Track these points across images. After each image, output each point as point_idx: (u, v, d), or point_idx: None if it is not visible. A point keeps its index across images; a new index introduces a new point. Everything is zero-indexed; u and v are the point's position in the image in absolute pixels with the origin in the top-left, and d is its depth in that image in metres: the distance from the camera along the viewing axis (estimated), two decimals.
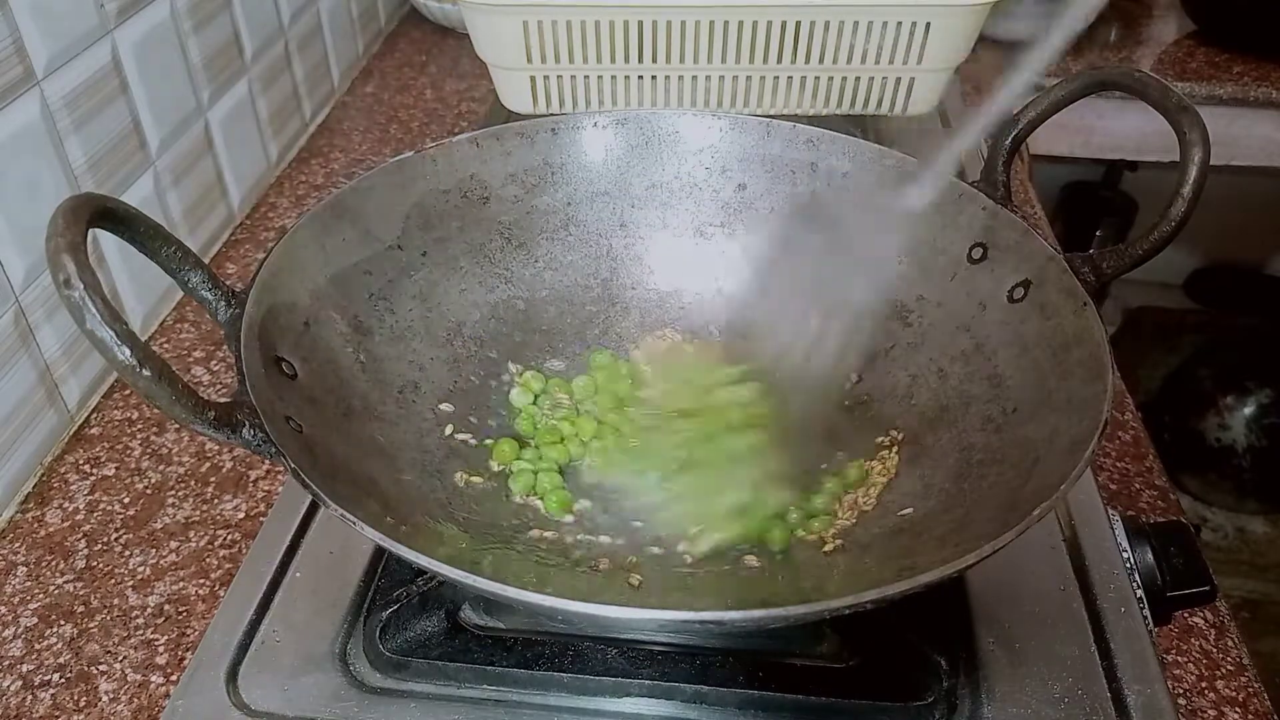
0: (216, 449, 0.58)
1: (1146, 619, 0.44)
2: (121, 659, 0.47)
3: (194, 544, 0.52)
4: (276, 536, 0.48)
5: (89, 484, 0.56)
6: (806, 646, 0.42)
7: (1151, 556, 0.46)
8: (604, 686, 0.41)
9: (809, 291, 0.50)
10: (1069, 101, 0.46)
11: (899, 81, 0.71)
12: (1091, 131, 1.10)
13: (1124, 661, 0.42)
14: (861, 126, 0.81)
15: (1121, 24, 1.19)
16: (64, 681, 0.46)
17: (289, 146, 0.87)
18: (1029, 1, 1.07)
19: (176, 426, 0.60)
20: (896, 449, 0.47)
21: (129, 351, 0.30)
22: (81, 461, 0.58)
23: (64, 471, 0.57)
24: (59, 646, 0.47)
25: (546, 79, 0.72)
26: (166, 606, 0.49)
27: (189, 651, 0.47)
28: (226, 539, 0.53)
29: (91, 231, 0.32)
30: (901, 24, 0.68)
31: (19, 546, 0.52)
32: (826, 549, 0.44)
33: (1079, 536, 0.47)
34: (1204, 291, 1.59)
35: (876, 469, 0.47)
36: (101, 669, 0.46)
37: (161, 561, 0.51)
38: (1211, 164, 0.41)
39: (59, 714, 0.44)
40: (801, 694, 0.40)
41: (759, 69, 0.71)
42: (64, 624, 0.48)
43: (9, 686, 0.45)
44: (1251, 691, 0.47)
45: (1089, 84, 0.46)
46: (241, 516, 0.54)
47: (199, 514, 0.54)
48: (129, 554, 0.52)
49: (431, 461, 0.46)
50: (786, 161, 0.53)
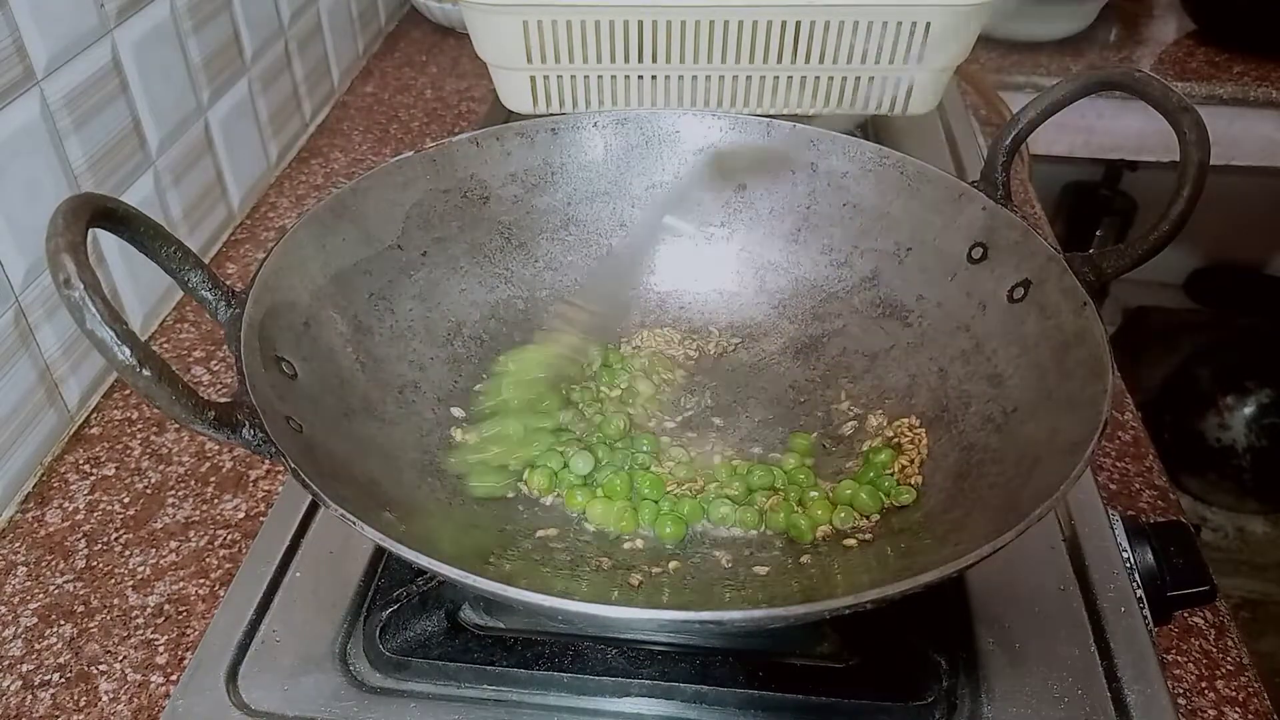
0: (216, 449, 0.58)
1: (1146, 619, 0.44)
2: (121, 659, 0.47)
3: (194, 544, 0.52)
4: (276, 536, 0.48)
5: (89, 484, 0.56)
6: (806, 646, 0.42)
7: (1151, 556, 0.46)
8: (604, 686, 0.41)
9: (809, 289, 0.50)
10: (1069, 101, 0.46)
11: (899, 81, 0.71)
12: (1091, 131, 1.10)
13: (1124, 661, 0.42)
14: (861, 126, 0.81)
15: (1121, 24, 1.19)
16: (64, 681, 0.46)
17: (289, 146, 0.87)
18: (1029, 2, 1.07)
19: (176, 426, 0.60)
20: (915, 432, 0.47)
21: (129, 351, 0.30)
22: (81, 461, 0.58)
23: (64, 471, 0.57)
24: (59, 646, 0.47)
25: (546, 79, 0.72)
26: (166, 606, 0.49)
27: (189, 651, 0.47)
28: (226, 539, 0.53)
29: (91, 231, 0.32)
30: (901, 24, 0.68)
31: (19, 546, 0.52)
32: (847, 543, 0.44)
33: (1079, 536, 0.47)
34: (1204, 291, 1.59)
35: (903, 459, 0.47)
36: (101, 669, 0.46)
37: (161, 561, 0.51)
38: (1211, 164, 0.41)
39: (59, 714, 0.45)
40: (801, 694, 0.40)
41: (759, 69, 0.71)
42: (64, 624, 0.48)
43: (9, 686, 0.45)
44: (1251, 691, 0.47)
45: (1089, 84, 0.46)
46: (241, 516, 0.54)
47: (199, 514, 0.54)
48: (129, 554, 0.52)
49: (431, 461, 0.46)
50: (786, 161, 0.53)
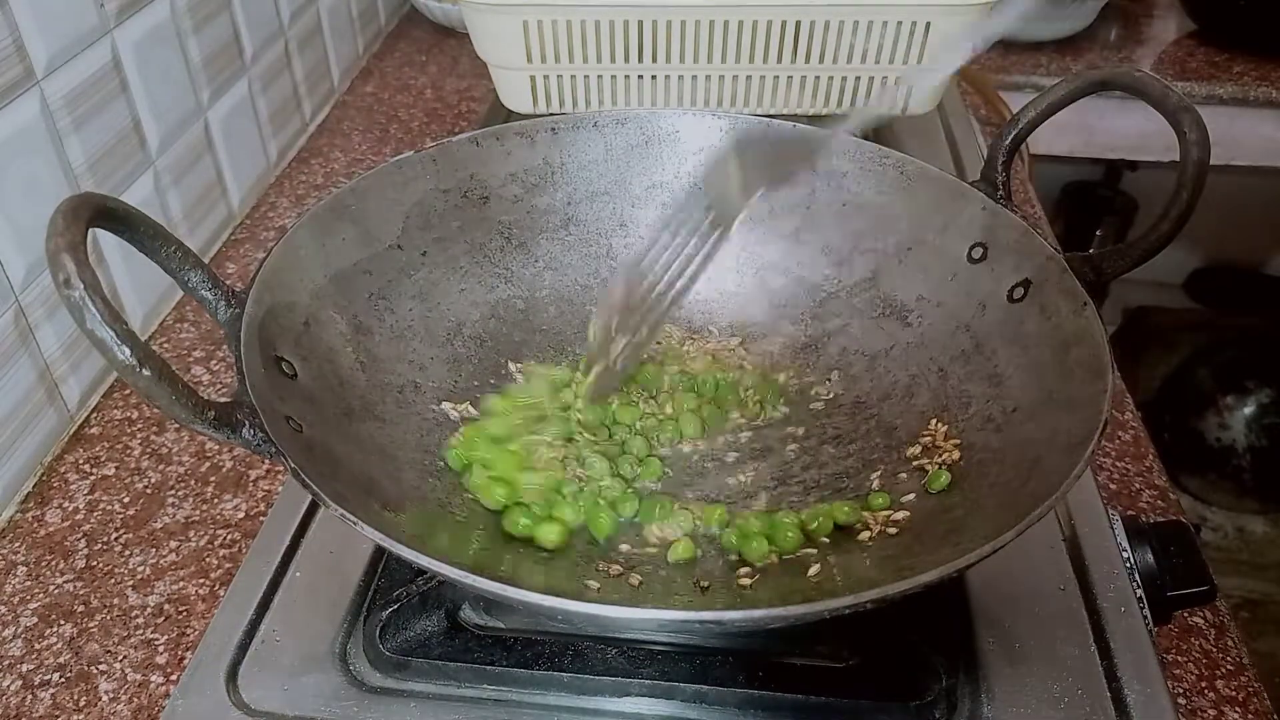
0: (216, 449, 0.58)
1: (1146, 619, 0.44)
2: (121, 659, 0.47)
3: (194, 544, 0.52)
4: (276, 536, 0.48)
5: (89, 484, 0.56)
6: (806, 646, 0.42)
7: (1151, 556, 0.46)
8: (604, 686, 0.41)
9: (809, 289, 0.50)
10: (1069, 101, 0.46)
11: (899, 81, 0.71)
12: (1091, 131, 1.10)
13: (1124, 661, 0.42)
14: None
15: (1121, 24, 1.19)
16: (64, 681, 0.46)
17: (289, 146, 0.87)
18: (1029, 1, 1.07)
19: (176, 426, 0.60)
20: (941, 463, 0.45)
21: (129, 351, 0.30)
22: (81, 461, 0.58)
23: (64, 471, 0.57)
24: (59, 646, 0.47)
25: (546, 79, 0.72)
26: (166, 606, 0.49)
27: (189, 651, 0.47)
28: (226, 539, 0.53)
29: (91, 231, 0.32)
30: (901, 24, 0.68)
31: (19, 546, 0.52)
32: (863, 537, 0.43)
33: (1079, 536, 0.47)
34: (1204, 291, 1.59)
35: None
36: (101, 669, 0.46)
37: (161, 561, 0.51)
38: (1211, 164, 0.41)
39: (59, 714, 0.44)
40: (801, 694, 0.40)
41: (759, 69, 0.71)
42: (64, 624, 0.48)
43: (9, 686, 0.45)
44: (1251, 691, 0.47)
45: (1089, 84, 0.46)
46: (241, 516, 0.54)
47: (199, 514, 0.54)
48: (129, 554, 0.52)
49: (431, 461, 0.46)
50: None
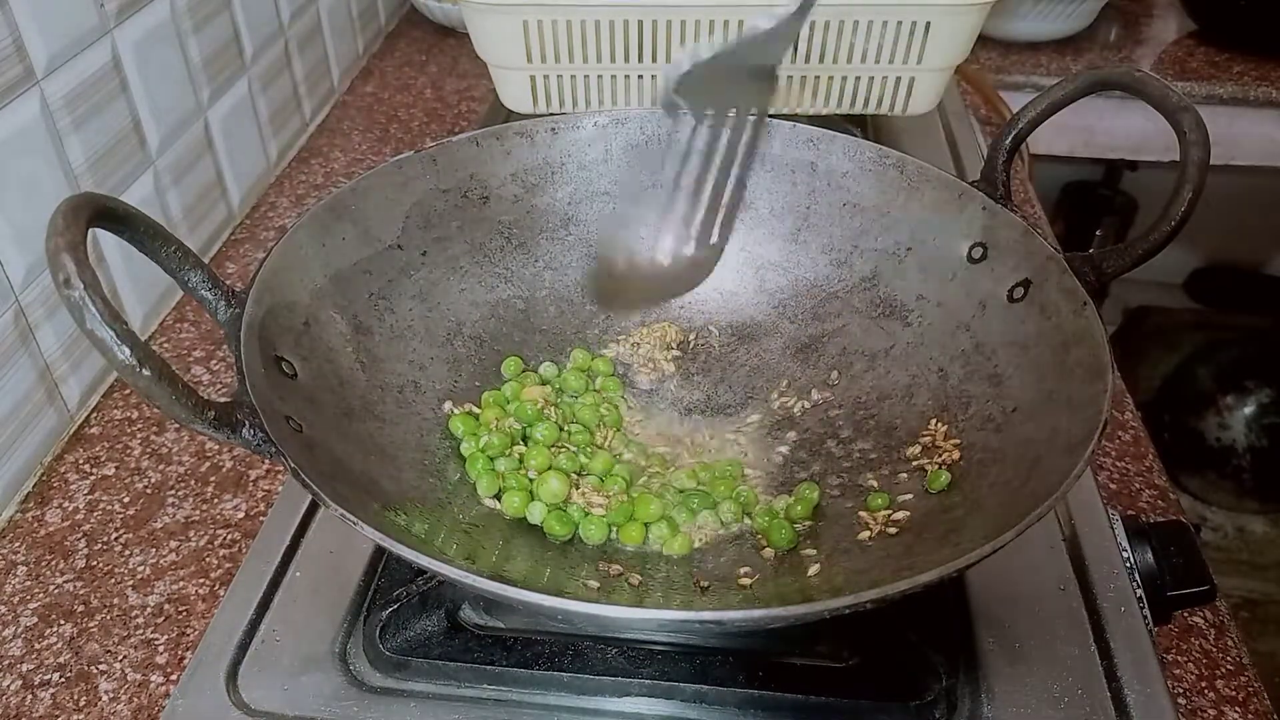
0: (216, 448, 0.58)
1: (1146, 619, 0.44)
2: (121, 658, 0.47)
3: (194, 543, 0.52)
4: (276, 536, 0.48)
5: (89, 483, 0.56)
6: (806, 646, 0.42)
7: (1151, 556, 0.46)
8: (604, 686, 0.41)
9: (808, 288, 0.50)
10: (1069, 101, 0.46)
11: (899, 81, 0.71)
12: (1091, 131, 1.10)
13: (1124, 661, 0.42)
14: (861, 126, 0.81)
15: (1121, 24, 1.19)
16: (64, 681, 0.46)
17: (289, 146, 0.87)
18: (1029, 1, 1.07)
19: (176, 426, 0.60)
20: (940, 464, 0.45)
21: (129, 351, 0.30)
22: (81, 461, 0.58)
23: (64, 471, 0.57)
24: (59, 646, 0.47)
25: (546, 78, 0.72)
26: (166, 606, 0.49)
27: (189, 651, 0.47)
28: (226, 538, 0.53)
29: (91, 231, 0.32)
30: (901, 24, 0.68)
31: (19, 546, 0.52)
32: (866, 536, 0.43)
33: (1079, 536, 0.47)
34: (1204, 291, 1.59)
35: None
36: (101, 668, 0.46)
37: (161, 561, 0.51)
38: (1211, 164, 0.41)
39: (59, 713, 0.44)
40: (801, 693, 0.40)
41: None
42: (64, 623, 0.48)
43: (9, 686, 0.45)
44: (1251, 691, 0.47)
45: (1089, 84, 0.46)
46: (241, 516, 0.54)
47: (199, 513, 0.54)
48: (129, 553, 0.52)
49: (431, 461, 0.46)
50: (786, 161, 0.53)
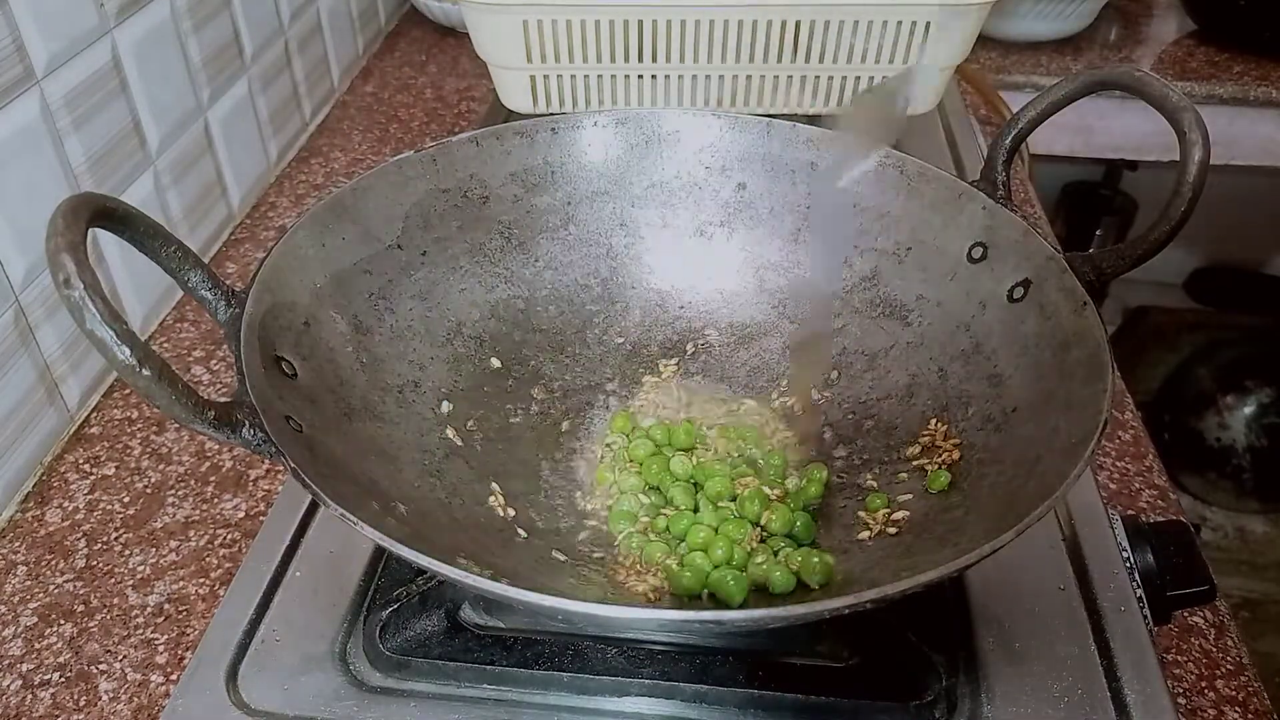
0: (216, 448, 0.58)
1: (1146, 618, 0.44)
2: (121, 658, 0.47)
3: (194, 543, 0.52)
4: (276, 536, 0.48)
5: (89, 483, 0.56)
6: (806, 646, 0.42)
7: (1151, 556, 0.46)
8: (604, 686, 0.41)
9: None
10: (1069, 101, 0.46)
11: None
12: (1091, 131, 1.10)
13: (1124, 661, 0.42)
14: None
15: (1121, 24, 1.19)
16: (64, 681, 0.46)
17: (289, 146, 0.87)
18: (1029, 1, 1.07)
19: (176, 426, 0.60)
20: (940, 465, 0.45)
21: (129, 351, 0.29)
22: (81, 461, 0.58)
23: (64, 471, 0.57)
24: (59, 646, 0.47)
25: (546, 78, 0.72)
26: (166, 606, 0.49)
27: (189, 651, 0.47)
28: (226, 538, 0.53)
29: (91, 231, 0.32)
30: (901, 24, 0.68)
31: (19, 546, 0.52)
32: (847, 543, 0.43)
33: (1079, 536, 0.47)
34: (1204, 291, 1.59)
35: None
36: (101, 668, 0.46)
37: (161, 561, 0.51)
38: (1211, 164, 0.41)
39: (59, 713, 0.44)
40: (801, 693, 0.40)
41: (759, 69, 0.71)
42: (64, 623, 0.48)
43: (9, 686, 0.45)
44: (1251, 691, 0.47)
45: (1089, 84, 0.46)
46: (241, 516, 0.54)
47: (199, 513, 0.54)
48: (129, 553, 0.52)
49: (431, 461, 0.46)
50: (786, 161, 0.53)
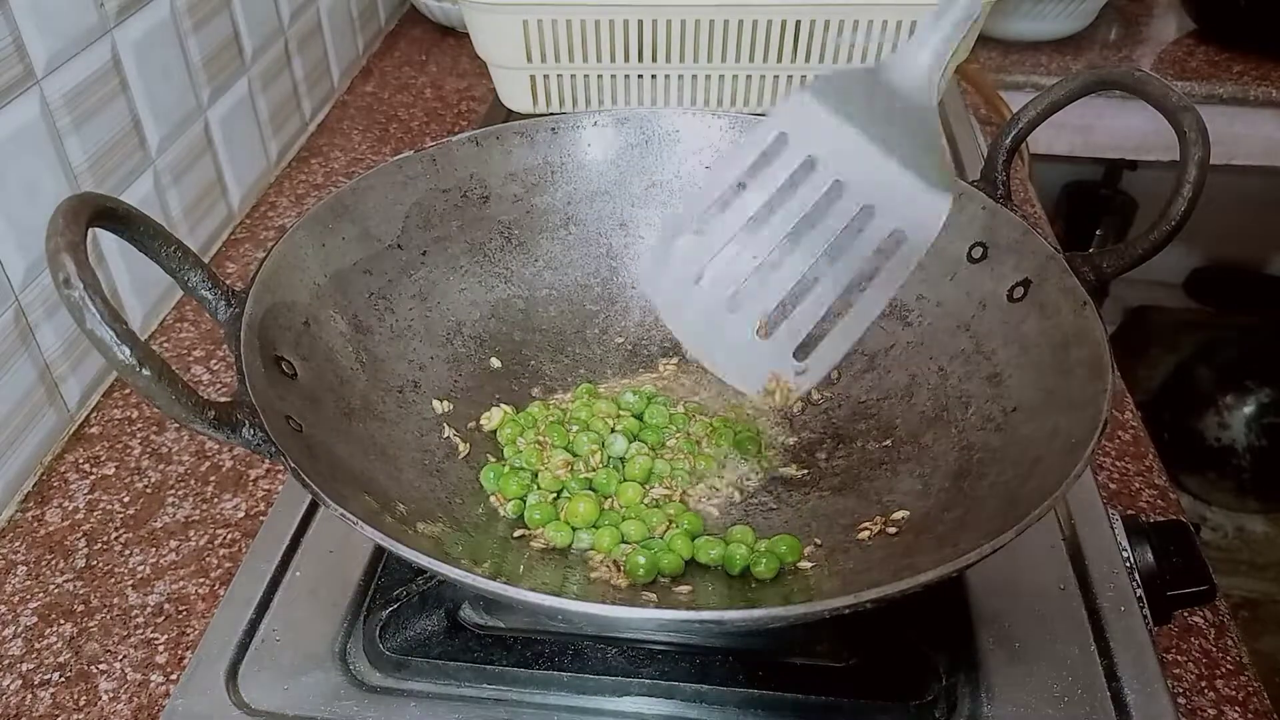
0: (216, 448, 0.58)
1: (1146, 618, 0.44)
2: (121, 658, 0.47)
3: (194, 543, 0.52)
4: (276, 536, 0.48)
5: (89, 483, 0.56)
6: (806, 646, 0.42)
7: (1151, 556, 0.46)
8: (604, 685, 0.41)
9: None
10: (1069, 101, 0.46)
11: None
12: (1091, 131, 1.10)
13: (1124, 661, 0.42)
14: None
15: (1121, 23, 1.19)
16: (64, 681, 0.46)
17: (289, 146, 0.87)
18: (1029, 1, 1.07)
19: (176, 426, 0.60)
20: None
21: (129, 351, 0.30)
22: (81, 460, 0.58)
23: (64, 470, 0.57)
24: (59, 645, 0.47)
25: (546, 78, 0.72)
26: (166, 605, 0.49)
27: (189, 650, 0.47)
28: (226, 538, 0.53)
29: (91, 231, 0.32)
30: (901, 23, 0.68)
31: (19, 545, 0.52)
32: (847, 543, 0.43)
33: (1079, 536, 0.47)
34: (1204, 291, 1.59)
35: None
36: (101, 668, 0.46)
37: (161, 561, 0.51)
38: (1211, 164, 0.41)
39: (59, 713, 0.45)
40: (801, 693, 0.40)
41: (759, 68, 0.71)
42: (64, 623, 0.48)
43: (9, 686, 0.45)
44: (1251, 690, 0.47)
45: (1089, 83, 0.46)
46: (241, 516, 0.54)
47: (199, 513, 0.54)
48: (129, 553, 0.52)
49: (431, 461, 0.46)
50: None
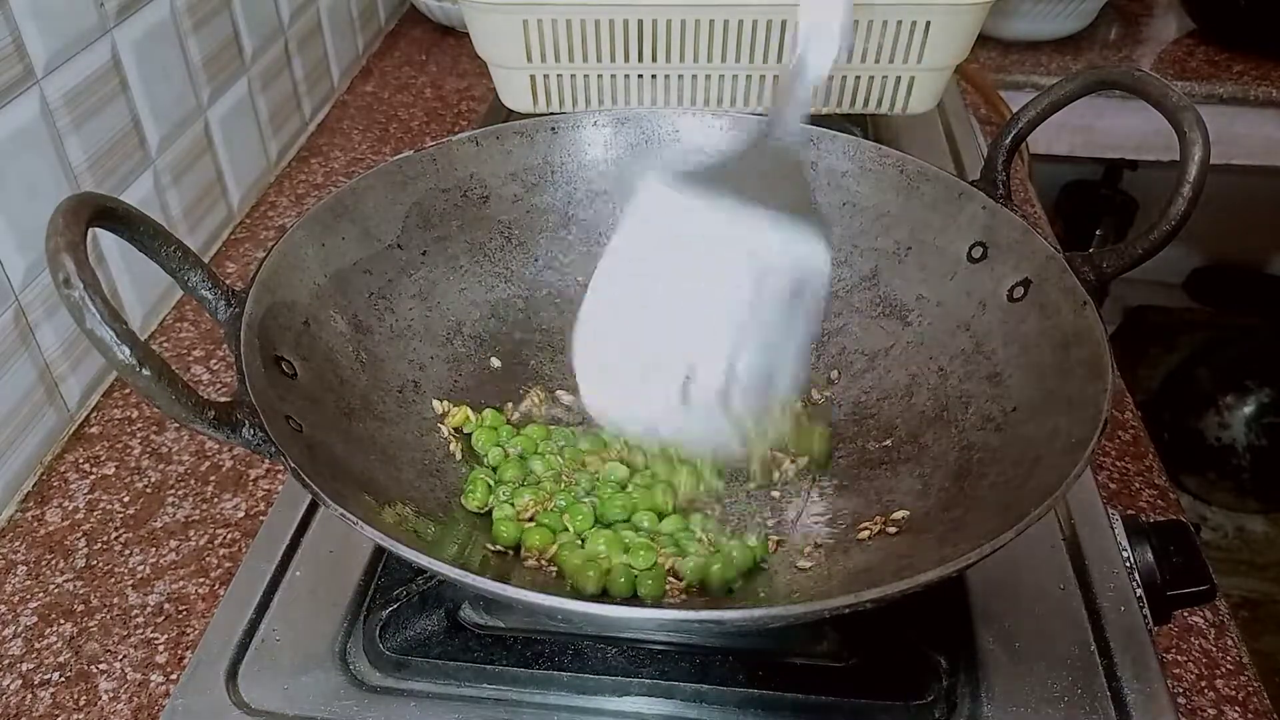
0: (216, 448, 0.58)
1: (1146, 618, 0.44)
2: (121, 658, 0.47)
3: (194, 543, 0.52)
4: (276, 535, 0.48)
5: (89, 483, 0.56)
6: (806, 646, 0.42)
7: (1151, 555, 0.46)
8: (604, 685, 0.41)
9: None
10: (1069, 101, 0.46)
11: (899, 81, 0.71)
12: (1091, 131, 1.10)
13: (1124, 660, 0.42)
14: (861, 126, 0.81)
15: (1121, 23, 1.19)
16: (64, 680, 0.46)
17: (289, 145, 0.87)
18: (1029, 1, 1.07)
19: (176, 425, 0.60)
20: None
21: (128, 351, 0.30)
22: (81, 460, 0.58)
23: (64, 470, 0.57)
24: (59, 645, 0.47)
25: (546, 78, 0.72)
26: (166, 605, 0.49)
27: (189, 650, 0.47)
28: (226, 538, 0.53)
29: (91, 230, 0.32)
30: (901, 23, 0.68)
31: (19, 545, 0.52)
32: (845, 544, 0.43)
33: (1079, 536, 0.47)
34: (1204, 291, 1.59)
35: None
36: (101, 668, 0.46)
37: (161, 560, 0.51)
38: (1211, 164, 0.41)
39: (59, 713, 0.45)
40: (801, 693, 0.40)
41: (759, 68, 0.71)
42: (64, 623, 0.48)
43: (9, 685, 0.45)
44: (1251, 690, 0.47)
45: (1089, 83, 0.46)
46: (241, 515, 0.54)
47: (199, 513, 0.54)
48: (129, 553, 0.52)
49: (431, 461, 0.46)
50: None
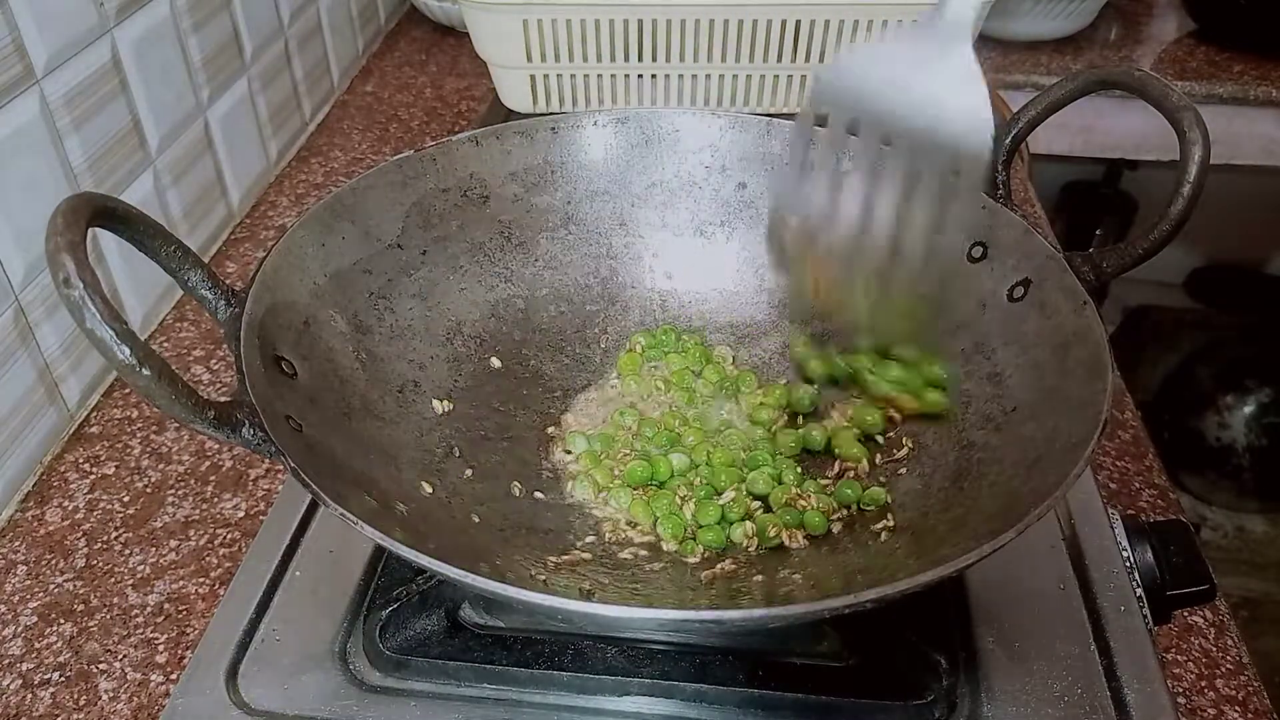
0: (216, 448, 0.58)
1: (1146, 618, 0.44)
2: (121, 658, 0.47)
3: (194, 543, 0.52)
4: (276, 535, 0.48)
5: (89, 483, 0.56)
6: (806, 645, 0.42)
7: (1151, 555, 0.46)
8: (604, 685, 0.41)
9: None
10: (1068, 101, 0.46)
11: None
12: (1091, 131, 1.10)
13: (1124, 660, 0.42)
14: None
15: (1121, 23, 1.19)
16: (64, 680, 0.46)
17: (289, 145, 0.87)
18: (1029, 1, 1.07)
19: (176, 425, 0.60)
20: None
21: (128, 350, 0.30)
22: (81, 460, 0.58)
23: (64, 470, 0.57)
24: (59, 645, 0.47)
25: (546, 78, 0.72)
26: (166, 605, 0.49)
27: (189, 650, 0.47)
28: (226, 538, 0.53)
29: (91, 230, 0.32)
30: (902, 23, 0.68)
31: (19, 545, 0.52)
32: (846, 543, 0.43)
33: (1079, 536, 0.47)
34: (1204, 291, 1.59)
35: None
36: (101, 668, 0.46)
37: (161, 560, 0.51)
38: (1211, 164, 0.41)
39: (59, 713, 0.45)
40: (801, 693, 0.40)
41: (759, 68, 0.71)
42: (64, 623, 0.48)
43: (9, 685, 0.45)
44: (1251, 690, 0.47)
45: (1089, 83, 0.46)
46: (241, 515, 0.54)
47: (199, 513, 0.54)
48: (129, 553, 0.52)
49: (431, 461, 0.46)
50: (787, 160, 0.53)
